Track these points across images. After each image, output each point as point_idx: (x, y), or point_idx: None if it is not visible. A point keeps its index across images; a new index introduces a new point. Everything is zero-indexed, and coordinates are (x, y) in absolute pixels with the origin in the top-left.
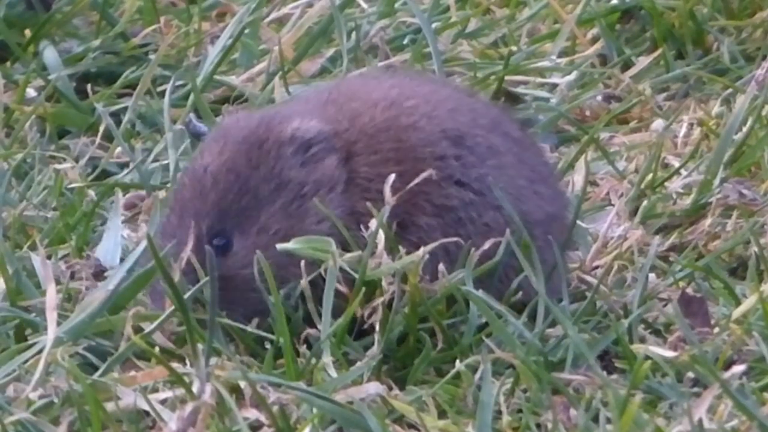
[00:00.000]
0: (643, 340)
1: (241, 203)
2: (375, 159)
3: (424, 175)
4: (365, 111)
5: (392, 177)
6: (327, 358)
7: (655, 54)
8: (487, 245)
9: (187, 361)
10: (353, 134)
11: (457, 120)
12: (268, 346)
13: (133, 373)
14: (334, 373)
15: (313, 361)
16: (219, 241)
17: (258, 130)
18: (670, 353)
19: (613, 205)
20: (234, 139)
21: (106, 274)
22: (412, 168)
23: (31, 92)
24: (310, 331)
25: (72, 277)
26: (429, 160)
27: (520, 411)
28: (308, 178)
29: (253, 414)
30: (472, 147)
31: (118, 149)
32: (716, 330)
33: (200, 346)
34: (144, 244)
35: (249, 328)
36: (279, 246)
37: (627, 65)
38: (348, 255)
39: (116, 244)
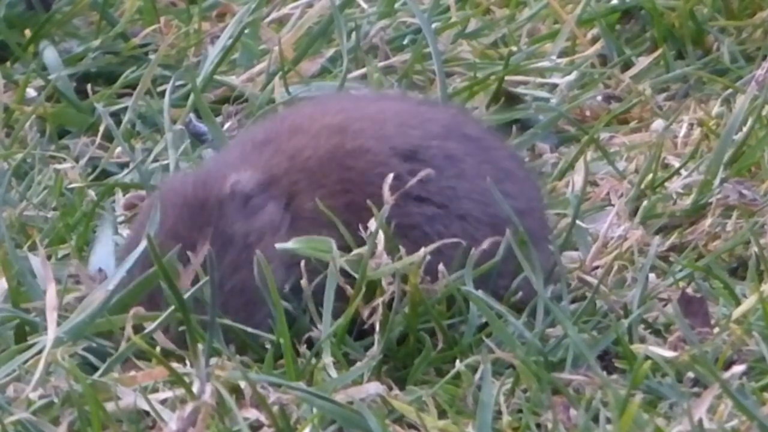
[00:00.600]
0: (643, 340)
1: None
2: (321, 193)
3: (422, 173)
4: (307, 144)
5: (390, 177)
6: (327, 359)
7: (655, 54)
8: (486, 244)
9: (187, 361)
10: (293, 174)
11: (407, 134)
12: (268, 346)
13: (133, 373)
14: (334, 373)
15: (314, 361)
16: None
17: (196, 192)
18: (670, 353)
19: (613, 206)
20: (173, 204)
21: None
22: (362, 195)
23: (31, 92)
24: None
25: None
26: (380, 182)
27: (520, 411)
28: (251, 228)
29: (253, 414)
30: (427, 159)
31: (118, 149)
32: (716, 330)
33: (200, 346)
34: (143, 244)
35: (249, 329)
36: (279, 245)
37: (627, 65)
38: (348, 255)
39: (109, 252)
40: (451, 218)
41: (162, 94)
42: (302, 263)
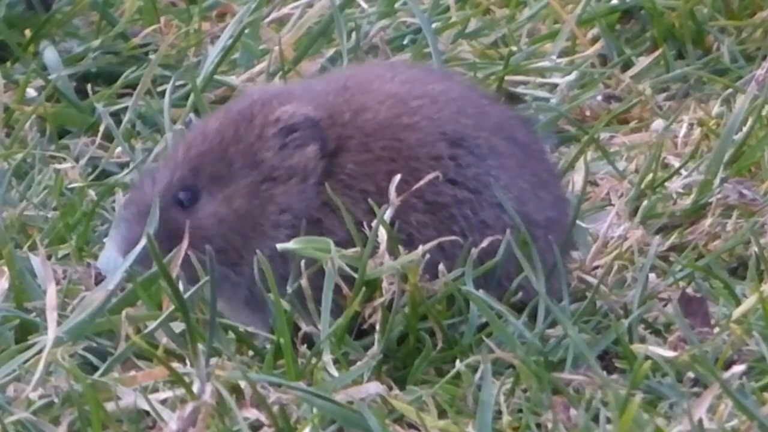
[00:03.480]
0: (643, 340)
1: (216, 168)
2: (365, 157)
3: (430, 176)
4: (372, 106)
5: (397, 178)
6: (327, 358)
7: (655, 54)
8: (485, 243)
9: (188, 361)
10: (350, 129)
11: (459, 122)
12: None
13: (133, 373)
14: (334, 373)
15: (314, 360)
16: (184, 195)
17: (255, 105)
18: (670, 353)
19: (613, 205)
20: (235, 108)
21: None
22: (404, 167)
23: (31, 92)
24: (308, 329)
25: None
26: (423, 160)
27: (520, 411)
28: (282, 164)
29: (253, 414)
30: (471, 148)
31: (119, 149)
32: (716, 330)
33: (200, 346)
34: (143, 242)
35: (251, 329)
36: (279, 245)
37: (627, 65)
38: (347, 254)
39: (117, 253)
40: (483, 205)
41: (162, 94)
42: (302, 262)
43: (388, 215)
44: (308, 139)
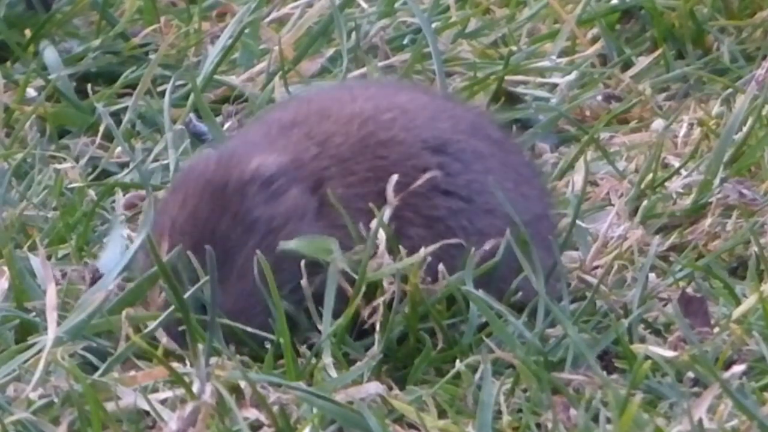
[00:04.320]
0: (643, 340)
1: (215, 253)
2: (351, 180)
3: (427, 176)
4: (338, 130)
5: (395, 178)
6: (327, 358)
7: (655, 54)
8: (487, 246)
9: (187, 361)
10: (323, 160)
11: (437, 128)
12: (268, 345)
13: (133, 373)
14: (334, 373)
15: (314, 361)
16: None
17: (218, 173)
18: (670, 353)
19: (613, 205)
20: (195, 186)
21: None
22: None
23: (31, 92)
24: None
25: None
26: (411, 174)
27: (520, 411)
28: (275, 212)
29: (253, 414)
30: (456, 154)
31: (118, 149)
32: (716, 330)
33: (200, 346)
34: (142, 241)
35: (249, 329)
36: (281, 243)
37: (627, 65)
38: (348, 255)
39: (119, 254)
40: (478, 213)
41: (162, 93)
42: (302, 263)
43: (386, 216)
44: (288, 183)
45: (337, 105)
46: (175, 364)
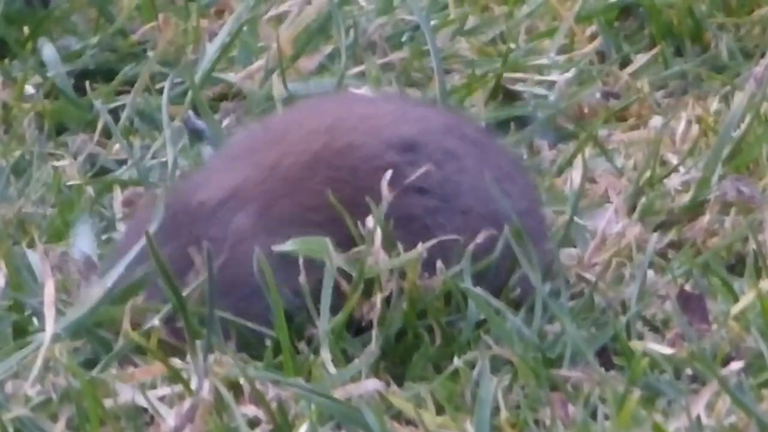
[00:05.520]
0: (641, 337)
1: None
2: (302, 198)
3: (422, 170)
4: (289, 151)
5: (389, 173)
6: (325, 355)
7: (654, 51)
8: (480, 238)
9: (186, 358)
10: (270, 183)
11: (402, 129)
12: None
13: (131, 369)
14: (332, 370)
15: (312, 357)
16: None
17: (168, 208)
18: (668, 350)
19: (612, 202)
20: (146, 224)
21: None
22: (353, 191)
23: (29, 89)
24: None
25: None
26: (376, 174)
27: (518, 407)
28: (227, 233)
29: (251, 410)
30: (427, 153)
31: (117, 146)
32: (714, 327)
33: (198, 343)
34: (142, 240)
35: (249, 324)
36: (275, 246)
37: (625, 62)
38: (345, 254)
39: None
40: (455, 212)
41: (160, 91)
42: (300, 261)
43: (383, 209)
44: (234, 209)
45: (296, 127)
46: (173, 361)
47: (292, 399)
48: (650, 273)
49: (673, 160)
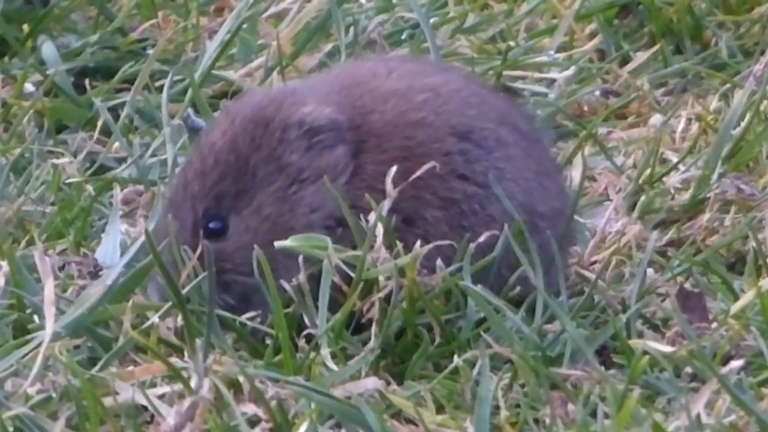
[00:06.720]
0: (641, 335)
1: (239, 184)
2: (382, 158)
3: (425, 167)
4: (376, 107)
5: (393, 170)
6: (325, 353)
7: (653, 49)
8: (483, 237)
9: (185, 356)
10: (363, 131)
11: (465, 114)
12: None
13: (131, 368)
14: (332, 368)
15: (312, 355)
16: (215, 225)
17: (266, 109)
18: (668, 348)
19: (612, 200)
20: (242, 117)
21: (101, 273)
22: (418, 164)
23: (29, 87)
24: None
25: (68, 274)
26: (434, 156)
27: (518, 406)
28: (310, 164)
29: (251, 409)
30: (479, 141)
31: (116, 144)
32: (714, 325)
33: (198, 341)
34: (142, 239)
35: (248, 322)
36: (277, 243)
37: (625, 60)
38: (345, 253)
39: (116, 246)
40: (491, 199)
41: (160, 89)
42: (300, 258)
43: (386, 208)
44: (336, 140)
45: (374, 79)
46: (173, 359)
47: (291, 397)
48: (650, 271)
49: (673, 158)
